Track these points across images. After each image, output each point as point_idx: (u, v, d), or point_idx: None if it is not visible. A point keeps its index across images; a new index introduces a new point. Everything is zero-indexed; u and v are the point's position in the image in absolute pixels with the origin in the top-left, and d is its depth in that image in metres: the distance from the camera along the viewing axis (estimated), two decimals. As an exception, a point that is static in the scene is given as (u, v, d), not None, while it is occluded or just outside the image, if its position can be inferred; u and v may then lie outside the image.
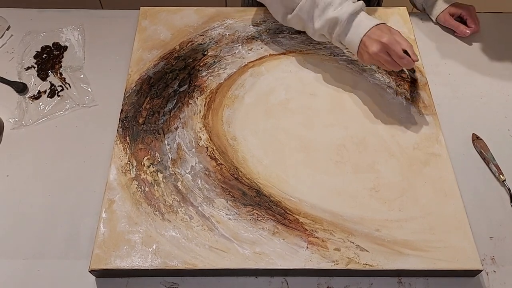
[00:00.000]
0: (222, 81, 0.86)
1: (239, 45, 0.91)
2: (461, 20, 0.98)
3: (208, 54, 0.90)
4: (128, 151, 0.76)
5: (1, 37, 0.95)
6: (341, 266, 0.65)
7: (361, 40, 0.76)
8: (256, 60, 0.89)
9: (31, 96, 0.87)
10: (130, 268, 0.65)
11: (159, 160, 0.75)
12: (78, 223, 0.72)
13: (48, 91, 0.87)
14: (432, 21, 1.00)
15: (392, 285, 0.67)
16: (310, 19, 0.81)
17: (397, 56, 0.73)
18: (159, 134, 0.79)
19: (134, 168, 0.74)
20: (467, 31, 0.96)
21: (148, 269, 0.65)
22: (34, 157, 0.79)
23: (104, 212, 0.69)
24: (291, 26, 0.88)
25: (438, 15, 0.98)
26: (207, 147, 0.77)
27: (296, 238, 0.67)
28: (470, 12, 0.97)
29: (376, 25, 0.76)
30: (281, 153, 0.77)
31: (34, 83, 0.89)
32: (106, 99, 0.86)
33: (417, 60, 0.75)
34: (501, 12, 1.03)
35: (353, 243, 0.67)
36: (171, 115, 0.81)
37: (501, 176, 0.77)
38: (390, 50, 0.73)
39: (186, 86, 0.85)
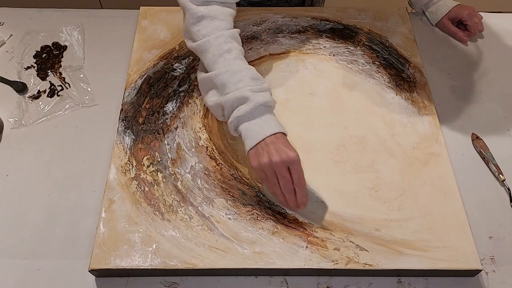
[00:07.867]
0: (221, 81, 0.86)
1: (238, 45, 0.91)
2: (463, 23, 0.97)
3: (208, 53, 0.90)
4: (128, 151, 0.76)
5: None
6: (340, 265, 0.65)
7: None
8: (256, 59, 0.89)
9: (31, 96, 0.87)
10: (130, 267, 0.65)
11: (159, 160, 0.75)
12: (78, 223, 0.72)
13: (47, 90, 0.87)
14: (432, 25, 1.00)
15: (392, 285, 0.67)
16: None
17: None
18: (159, 134, 0.79)
19: (133, 168, 0.74)
20: (465, 38, 0.95)
21: (148, 268, 0.65)
22: (33, 157, 0.79)
23: (104, 212, 0.69)
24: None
25: (438, 21, 0.98)
26: (206, 147, 0.77)
27: (295, 238, 0.67)
28: (470, 15, 0.95)
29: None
30: (281, 153, 0.76)
31: (34, 83, 0.89)
32: (106, 99, 0.86)
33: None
34: (501, 12, 1.03)
35: (353, 242, 0.67)
36: (171, 115, 0.81)
37: (500, 176, 0.77)
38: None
39: (186, 86, 0.85)
